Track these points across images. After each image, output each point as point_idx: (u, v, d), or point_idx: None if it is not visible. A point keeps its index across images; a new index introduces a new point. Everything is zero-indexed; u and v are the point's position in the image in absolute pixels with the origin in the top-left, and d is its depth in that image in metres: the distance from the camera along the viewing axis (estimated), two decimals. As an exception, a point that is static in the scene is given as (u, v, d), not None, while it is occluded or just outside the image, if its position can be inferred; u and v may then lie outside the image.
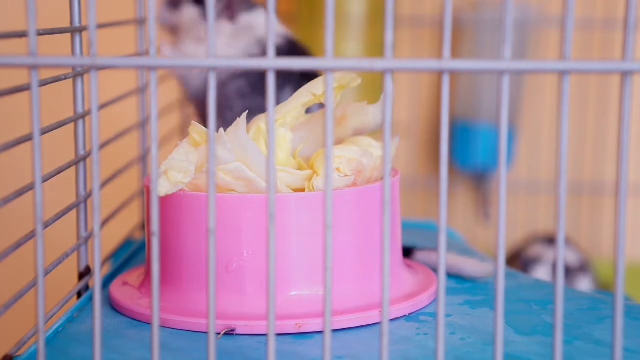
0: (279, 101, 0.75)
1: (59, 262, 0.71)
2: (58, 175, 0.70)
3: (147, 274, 0.74)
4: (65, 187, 0.78)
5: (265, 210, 0.65)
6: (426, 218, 1.11)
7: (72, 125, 0.75)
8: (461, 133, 1.72)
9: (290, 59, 0.51)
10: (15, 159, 0.77)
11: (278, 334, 0.64)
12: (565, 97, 0.49)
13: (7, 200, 0.59)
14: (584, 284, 1.53)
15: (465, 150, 1.72)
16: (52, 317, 0.68)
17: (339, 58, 0.50)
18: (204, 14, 0.87)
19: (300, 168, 0.72)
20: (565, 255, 0.51)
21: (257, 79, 0.86)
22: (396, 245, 0.74)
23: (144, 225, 0.85)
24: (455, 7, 1.70)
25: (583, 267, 1.53)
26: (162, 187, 0.66)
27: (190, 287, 0.69)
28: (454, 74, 1.48)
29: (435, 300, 0.72)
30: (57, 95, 0.81)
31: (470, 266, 0.78)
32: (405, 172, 1.77)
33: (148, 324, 0.68)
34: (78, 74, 0.74)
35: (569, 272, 1.50)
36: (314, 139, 0.74)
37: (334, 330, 0.66)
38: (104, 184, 0.81)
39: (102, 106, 0.81)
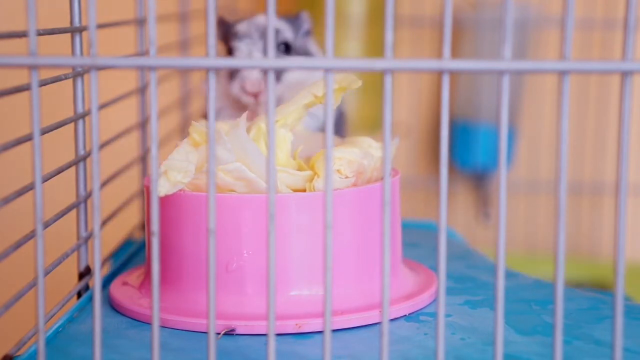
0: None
1: (59, 262, 0.71)
2: (58, 175, 0.70)
3: (147, 274, 0.74)
4: (65, 187, 0.78)
5: (265, 210, 0.65)
6: (426, 218, 1.11)
7: (72, 125, 0.75)
8: (461, 133, 1.72)
9: (290, 59, 0.51)
10: (15, 159, 0.77)
11: (278, 334, 0.64)
12: (565, 97, 0.49)
13: (7, 200, 0.59)
14: None
15: (465, 150, 1.72)
16: (52, 317, 0.68)
17: (339, 58, 0.50)
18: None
19: (300, 169, 0.72)
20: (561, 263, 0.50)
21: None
22: (396, 245, 0.74)
23: (144, 225, 0.85)
24: (455, 7, 1.70)
25: None
26: (162, 187, 0.66)
27: (190, 287, 0.69)
28: (454, 74, 1.48)
29: (435, 300, 0.72)
30: (57, 95, 0.81)
31: None
32: (405, 172, 1.77)
33: (148, 324, 0.68)
34: (78, 74, 0.74)
35: None
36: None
37: (334, 330, 0.66)
38: (104, 184, 0.81)
39: (102, 106, 0.81)
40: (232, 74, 0.84)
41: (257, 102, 0.83)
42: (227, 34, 0.86)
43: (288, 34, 0.85)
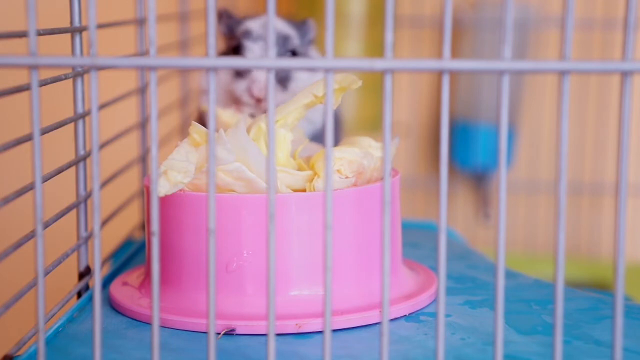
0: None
1: (59, 262, 0.71)
2: (58, 175, 0.70)
3: (147, 274, 0.74)
4: (65, 187, 0.78)
5: (265, 210, 0.65)
6: (426, 218, 1.11)
7: (72, 125, 0.75)
8: (461, 133, 1.72)
9: (290, 59, 0.51)
10: (15, 159, 0.77)
11: (278, 334, 0.64)
12: (565, 97, 0.49)
13: (7, 200, 0.59)
14: None
15: (465, 150, 1.72)
16: (52, 317, 0.68)
17: (339, 58, 0.50)
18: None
19: (300, 169, 0.72)
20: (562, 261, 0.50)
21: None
22: (396, 245, 0.74)
23: (144, 225, 0.85)
24: (455, 7, 1.70)
25: None
26: (162, 187, 0.66)
27: (190, 287, 0.69)
28: (454, 74, 1.48)
29: (435, 300, 0.72)
30: (57, 95, 0.81)
31: None
32: (405, 172, 1.77)
33: (148, 324, 0.68)
34: (78, 74, 0.74)
35: None
36: None
37: (334, 330, 0.66)
38: (104, 184, 0.81)
39: (102, 106, 0.81)
40: (240, 72, 0.84)
41: (259, 106, 0.82)
42: (233, 29, 0.86)
43: (296, 41, 0.85)
